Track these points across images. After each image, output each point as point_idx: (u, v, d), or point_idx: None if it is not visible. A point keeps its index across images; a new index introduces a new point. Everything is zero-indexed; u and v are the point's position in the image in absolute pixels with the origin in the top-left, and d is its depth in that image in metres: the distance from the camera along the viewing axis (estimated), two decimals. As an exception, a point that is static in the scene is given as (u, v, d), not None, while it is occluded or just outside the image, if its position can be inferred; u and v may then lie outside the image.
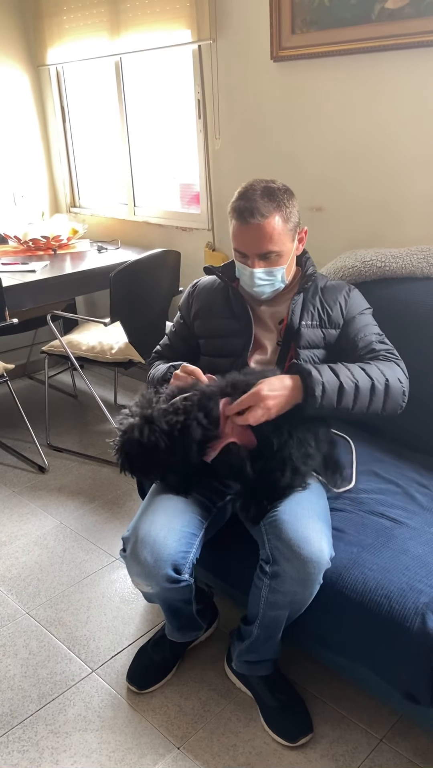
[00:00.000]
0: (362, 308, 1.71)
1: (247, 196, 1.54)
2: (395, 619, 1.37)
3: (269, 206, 1.52)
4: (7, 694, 1.72)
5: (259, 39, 2.51)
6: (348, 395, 1.48)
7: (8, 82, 3.46)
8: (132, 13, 2.90)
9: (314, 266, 1.72)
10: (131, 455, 1.45)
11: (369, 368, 1.55)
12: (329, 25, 2.29)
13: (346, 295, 1.70)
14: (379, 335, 1.69)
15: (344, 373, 1.50)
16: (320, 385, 1.45)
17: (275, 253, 1.56)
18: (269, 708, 1.61)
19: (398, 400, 1.56)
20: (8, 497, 2.61)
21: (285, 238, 1.56)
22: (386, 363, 1.59)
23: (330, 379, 1.47)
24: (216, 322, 1.73)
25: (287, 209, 1.55)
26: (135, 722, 1.63)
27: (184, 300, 1.82)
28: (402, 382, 1.58)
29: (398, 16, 2.11)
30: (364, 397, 1.51)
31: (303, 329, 1.65)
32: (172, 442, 1.42)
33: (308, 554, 1.39)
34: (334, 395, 1.47)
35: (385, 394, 1.53)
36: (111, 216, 3.53)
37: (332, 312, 1.67)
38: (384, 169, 2.34)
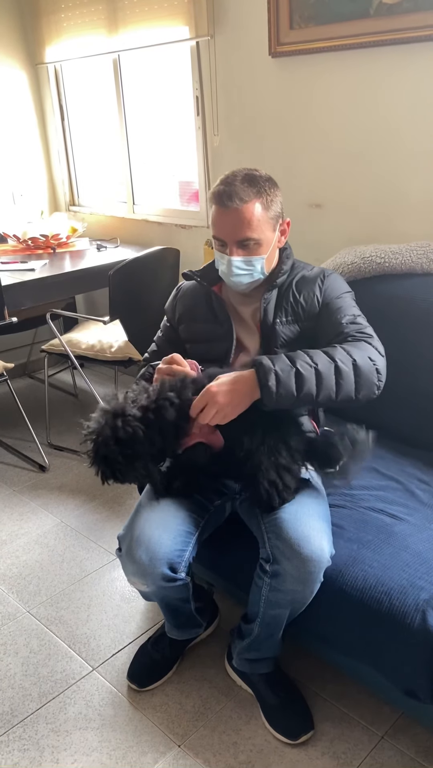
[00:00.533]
0: (339, 293, 1.60)
1: (227, 181, 1.50)
2: (395, 616, 1.36)
3: (249, 191, 1.48)
4: (7, 692, 1.72)
5: (257, 35, 2.50)
6: (308, 381, 1.37)
7: (6, 81, 3.45)
8: (130, 10, 2.89)
9: (289, 258, 1.63)
10: (109, 458, 1.38)
11: (333, 351, 1.43)
12: (328, 20, 2.28)
13: (320, 283, 1.60)
14: (352, 316, 1.56)
15: (301, 359, 1.39)
16: (271, 373, 1.35)
17: (253, 240, 1.51)
18: (270, 706, 1.60)
19: (371, 380, 1.43)
20: (9, 496, 2.61)
21: (265, 226, 1.51)
22: (354, 343, 1.47)
23: (283, 367, 1.37)
24: (199, 326, 1.68)
25: (268, 197, 1.50)
26: (136, 720, 1.62)
27: (169, 304, 1.77)
28: (374, 360, 1.44)
29: (396, 11, 2.10)
30: (328, 381, 1.39)
31: (278, 327, 1.58)
32: (150, 428, 1.37)
33: (308, 553, 1.38)
34: (291, 383, 1.36)
35: (355, 375, 1.41)
36: (110, 214, 3.53)
37: (306, 304, 1.59)
38: (383, 165, 2.33)
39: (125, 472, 1.41)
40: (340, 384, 1.40)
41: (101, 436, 1.38)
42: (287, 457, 1.46)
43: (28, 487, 2.67)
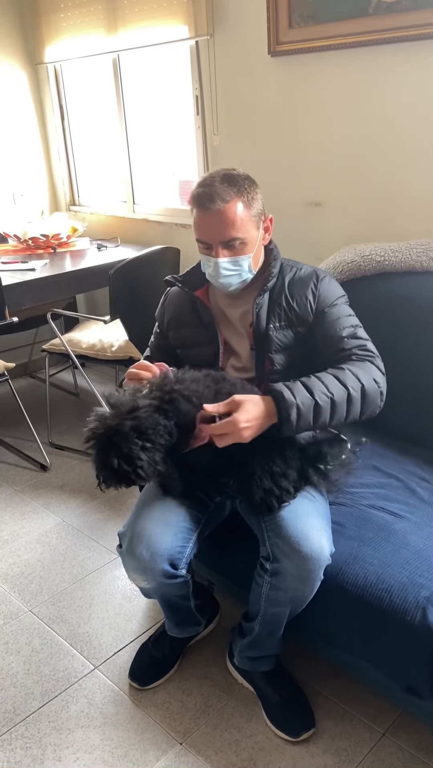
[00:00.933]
0: (333, 299, 1.58)
1: (206, 183, 1.48)
2: (395, 613, 1.37)
3: (230, 191, 1.46)
4: (10, 691, 1.72)
5: (256, 34, 2.50)
6: (325, 412, 1.40)
7: (6, 81, 3.45)
8: (129, 9, 2.89)
9: (277, 260, 1.60)
10: (131, 455, 1.27)
11: (343, 376, 1.44)
12: (327, 19, 2.28)
13: (314, 288, 1.57)
14: (351, 328, 1.55)
15: (318, 389, 1.40)
16: (294, 408, 1.36)
17: (239, 240, 1.49)
18: (271, 703, 1.61)
19: (375, 402, 1.48)
20: (10, 495, 2.61)
21: (249, 224, 1.49)
22: (359, 364, 1.49)
23: (304, 400, 1.38)
24: (186, 332, 1.67)
25: (249, 194, 1.49)
26: (137, 718, 1.63)
27: (158, 311, 1.76)
28: (378, 383, 1.48)
29: (395, 9, 2.10)
30: (341, 409, 1.42)
31: (272, 333, 1.56)
32: (168, 420, 1.33)
33: (308, 551, 1.39)
34: (310, 415, 1.39)
35: (362, 400, 1.45)
36: (111, 214, 3.53)
37: (299, 309, 1.56)
38: (383, 163, 2.33)
39: (147, 468, 1.29)
40: (350, 410, 1.44)
41: (119, 432, 1.27)
42: (281, 464, 1.46)
43: (29, 487, 2.67)
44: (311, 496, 1.52)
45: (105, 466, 1.29)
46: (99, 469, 1.31)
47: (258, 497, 1.44)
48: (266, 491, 1.44)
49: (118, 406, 1.32)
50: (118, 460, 1.26)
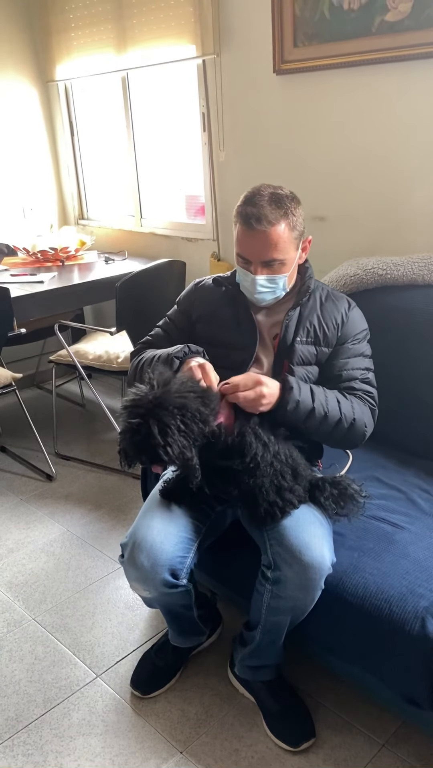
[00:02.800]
0: (357, 333, 1.66)
1: (254, 201, 1.51)
2: (395, 623, 1.38)
3: (277, 213, 1.50)
4: (12, 698, 1.74)
5: (261, 53, 2.55)
6: (314, 420, 1.52)
7: (18, 98, 3.53)
8: (138, 29, 2.96)
9: (312, 278, 1.66)
10: (163, 419, 1.31)
11: (344, 403, 1.56)
12: (331, 39, 2.33)
13: (345, 315, 1.65)
14: (366, 372, 1.65)
15: (319, 399, 1.52)
16: (294, 402, 1.49)
17: (278, 261, 1.54)
18: (272, 713, 1.61)
19: (355, 441, 1.60)
20: (16, 505, 2.64)
21: (290, 246, 1.54)
22: (361, 404, 1.60)
23: (305, 400, 1.50)
24: (219, 332, 1.68)
25: (294, 217, 1.53)
26: (138, 727, 1.64)
27: (185, 296, 1.76)
28: (367, 427, 1.60)
29: (397, 29, 2.15)
30: (327, 426, 1.54)
31: (297, 345, 1.61)
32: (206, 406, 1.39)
33: (309, 560, 1.40)
34: (303, 415, 1.51)
35: (347, 431, 1.56)
36: (118, 227, 3.58)
37: (328, 330, 1.63)
38: (385, 179, 2.37)
39: (174, 447, 1.31)
40: (332, 433, 1.57)
41: (162, 405, 1.32)
42: (290, 481, 1.48)
43: (35, 496, 2.70)
44: (313, 506, 1.53)
45: (137, 433, 1.32)
46: (132, 434, 1.33)
47: (262, 509, 1.46)
48: (271, 503, 1.46)
49: (166, 384, 1.37)
50: (157, 429, 1.30)
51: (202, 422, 1.37)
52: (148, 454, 1.33)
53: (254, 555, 1.55)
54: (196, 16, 2.70)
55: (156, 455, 1.32)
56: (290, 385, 1.50)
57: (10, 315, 2.55)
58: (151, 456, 1.33)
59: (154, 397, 1.34)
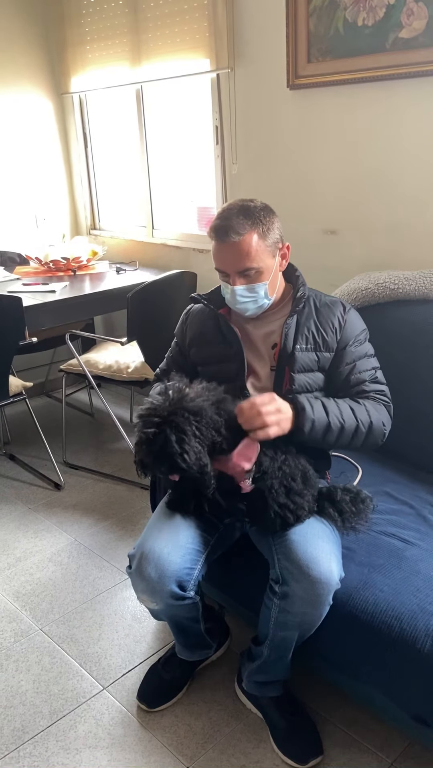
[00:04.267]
0: (357, 334, 1.66)
1: (223, 215, 1.54)
2: (405, 641, 1.37)
3: (245, 224, 1.51)
4: (19, 709, 1.73)
5: (276, 67, 2.57)
6: (333, 434, 1.53)
7: (33, 109, 3.57)
8: (153, 43, 2.99)
9: (304, 286, 1.66)
10: (179, 426, 1.33)
11: (358, 409, 1.57)
12: (345, 54, 2.34)
13: (341, 319, 1.64)
14: (373, 371, 1.66)
15: (333, 413, 1.53)
16: (310, 422, 1.49)
17: (254, 269, 1.54)
18: (279, 729, 1.60)
19: (377, 441, 1.61)
20: (24, 514, 2.64)
21: (264, 254, 1.54)
22: (376, 405, 1.62)
23: (320, 417, 1.51)
24: (209, 348, 1.71)
25: (264, 226, 1.52)
26: (145, 741, 1.63)
27: (178, 327, 1.80)
28: (385, 425, 1.61)
29: (412, 45, 2.16)
30: (347, 436, 1.55)
31: (297, 353, 1.61)
32: (219, 414, 1.41)
33: (317, 575, 1.39)
34: (320, 433, 1.51)
35: (366, 435, 1.58)
36: (130, 238, 3.61)
37: (326, 335, 1.62)
38: (398, 194, 2.37)
39: (191, 455, 1.32)
40: (353, 440, 1.57)
41: (177, 413, 1.34)
42: (300, 484, 1.49)
43: (43, 505, 2.70)
44: (322, 520, 1.53)
45: (154, 443, 1.33)
46: (149, 443, 1.34)
47: (272, 511, 1.46)
48: (281, 506, 1.46)
49: (179, 391, 1.39)
50: (174, 437, 1.31)
51: (216, 431, 1.38)
52: (166, 464, 1.34)
53: (262, 569, 1.54)
54: (211, 31, 2.72)
55: (174, 464, 1.33)
56: (301, 406, 1.50)
57: (22, 324, 2.56)
58: (169, 465, 1.34)
59: (170, 404, 1.36)
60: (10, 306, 2.50)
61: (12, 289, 2.96)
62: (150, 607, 1.59)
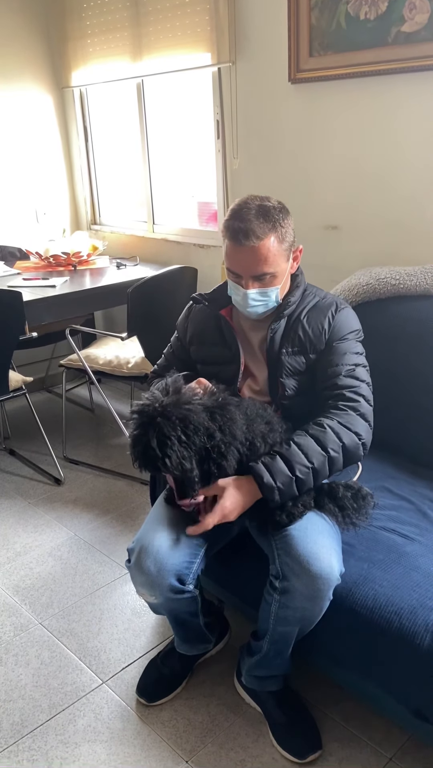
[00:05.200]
0: (345, 333, 1.60)
1: (241, 215, 1.48)
2: (405, 636, 1.37)
3: (265, 227, 1.46)
4: (18, 703, 1.73)
5: (277, 62, 2.56)
6: (307, 482, 1.44)
7: (33, 103, 3.56)
8: (154, 37, 2.97)
9: (299, 287, 1.62)
10: (164, 429, 1.32)
11: (324, 438, 1.46)
12: (347, 48, 2.33)
13: (331, 318, 1.59)
14: (351, 367, 1.56)
15: (298, 463, 1.43)
16: (274, 490, 1.41)
17: (269, 274, 1.51)
18: (278, 724, 1.60)
19: (357, 456, 1.51)
20: (24, 508, 2.64)
21: (280, 258, 1.51)
22: (343, 416, 1.50)
23: (284, 480, 1.41)
24: (208, 349, 1.69)
25: (283, 229, 1.49)
26: (144, 735, 1.63)
27: (180, 321, 1.78)
28: (360, 435, 1.50)
29: (414, 39, 2.15)
30: (323, 473, 1.47)
31: (283, 357, 1.58)
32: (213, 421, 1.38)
33: (317, 570, 1.39)
34: (292, 489, 1.43)
35: (343, 458, 1.48)
36: (130, 233, 3.60)
37: (313, 337, 1.58)
38: (399, 189, 2.36)
39: (174, 459, 1.31)
40: (331, 470, 1.48)
41: (164, 415, 1.32)
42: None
43: (43, 500, 2.70)
44: (322, 516, 1.53)
45: (139, 443, 1.33)
46: (134, 444, 1.35)
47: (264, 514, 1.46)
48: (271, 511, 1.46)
49: (176, 393, 1.38)
50: (156, 441, 1.31)
51: (207, 436, 1.36)
52: (149, 466, 1.35)
53: (262, 564, 1.54)
54: (213, 25, 2.71)
55: (155, 467, 1.33)
56: (259, 477, 1.40)
57: (22, 319, 2.56)
58: (152, 467, 1.35)
59: (160, 405, 1.34)
60: (10, 301, 2.50)
61: (12, 284, 2.96)
62: (149, 601, 1.59)
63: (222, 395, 1.44)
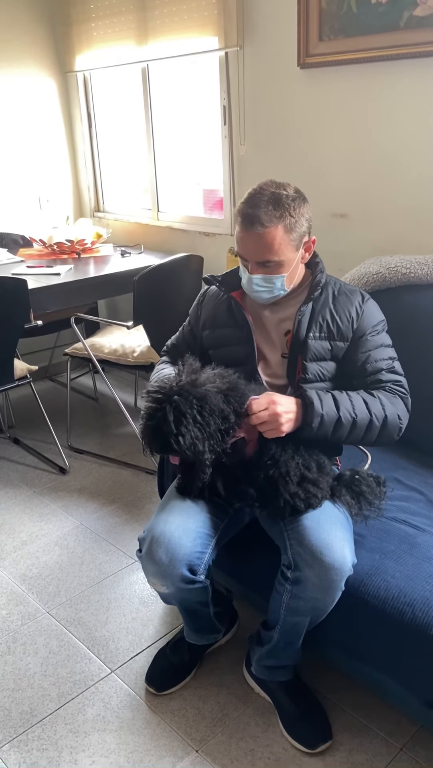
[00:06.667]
0: (374, 324, 1.62)
1: (253, 201, 1.48)
2: (418, 627, 1.36)
3: (273, 216, 1.46)
4: (27, 692, 1.73)
5: (286, 46, 2.52)
6: (344, 428, 1.49)
7: (36, 88, 3.51)
8: (160, 20, 2.93)
9: (323, 273, 1.62)
10: (180, 407, 1.33)
11: (372, 402, 1.52)
12: (357, 33, 2.29)
13: (359, 308, 1.60)
14: (390, 361, 1.61)
15: (344, 407, 1.49)
16: (318, 417, 1.46)
17: (273, 262, 1.51)
18: (288, 714, 1.60)
19: (392, 435, 1.55)
20: (29, 497, 2.63)
21: (287, 248, 1.50)
22: (391, 397, 1.56)
23: (330, 411, 1.47)
24: (221, 331, 1.69)
25: (292, 219, 1.48)
26: (153, 724, 1.63)
27: (193, 308, 1.78)
28: (401, 419, 1.55)
29: (426, 24, 2.11)
30: (359, 431, 1.51)
31: (310, 341, 1.58)
32: (228, 402, 1.40)
33: (330, 561, 1.38)
34: (330, 427, 1.48)
35: (381, 430, 1.53)
36: (135, 221, 3.56)
37: (342, 324, 1.59)
38: (409, 176, 2.33)
39: (187, 439, 1.32)
40: (366, 435, 1.53)
41: (182, 394, 1.34)
42: (315, 473, 1.48)
43: (48, 489, 2.69)
44: (335, 506, 1.52)
45: (153, 418, 1.34)
46: (149, 418, 1.35)
47: (282, 500, 1.45)
48: (292, 494, 1.45)
49: (193, 373, 1.39)
50: (172, 416, 1.32)
51: (222, 419, 1.37)
52: (160, 442, 1.34)
53: (272, 554, 1.53)
54: (220, 8, 2.67)
55: (167, 443, 1.33)
56: (310, 400, 1.47)
57: (27, 307, 2.54)
58: (162, 443, 1.34)
59: (177, 383, 1.36)
60: (15, 288, 2.48)
61: (16, 272, 2.93)
62: (160, 591, 1.58)
63: (231, 377, 1.45)
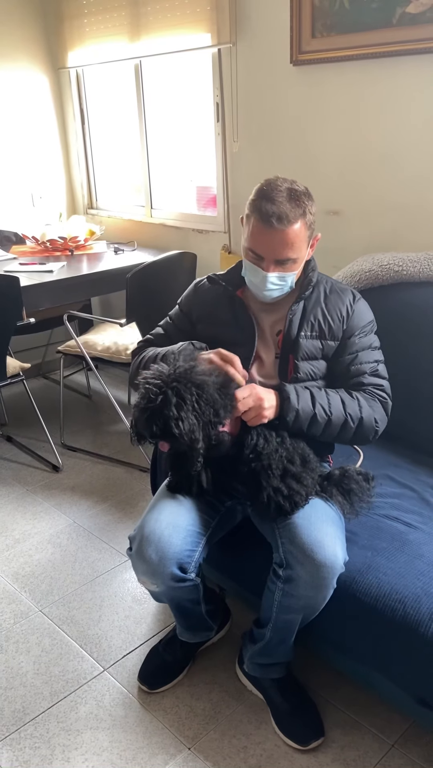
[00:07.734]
0: (363, 325, 1.62)
1: (272, 197, 1.45)
2: (409, 624, 1.37)
3: (296, 212, 1.45)
4: (19, 690, 1.73)
5: (279, 43, 2.52)
6: (318, 425, 1.52)
7: (28, 84, 3.49)
8: (152, 16, 2.91)
9: (314, 271, 1.62)
10: (181, 392, 1.35)
11: (349, 403, 1.55)
12: (350, 29, 2.29)
13: (349, 308, 1.61)
14: (375, 364, 1.62)
15: (320, 404, 1.51)
16: (294, 412, 1.49)
17: (291, 260, 1.50)
18: (281, 711, 1.61)
19: (366, 437, 1.58)
20: (22, 495, 2.63)
21: (303, 244, 1.50)
22: (370, 401, 1.58)
23: (305, 407, 1.50)
24: (219, 330, 1.66)
25: (310, 216, 1.49)
26: (146, 722, 1.63)
27: (186, 297, 1.74)
28: (378, 423, 1.58)
29: (419, 21, 2.11)
30: (333, 429, 1.54)
31: (302, 340, 1.58)
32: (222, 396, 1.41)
33: (321, 558, 1.39)
34: (305, 423, 1.51)
35: (355, 430, 1.55)
36: (128, 218, 3.55)
37: (333, 323, 1.59)
38: (402, 173, 2.33)
39: (185, 425, 1.33)
40: (341, 434, 1.56)
41: (181, 381, 1.35)
42: (299, 467, 1.48)
43: (41, 487, 2.68)
44: (326, 503, 1.52)
45: (153, 402, 1.34)
46: (146, 403, 1.35)
47: (265, 495, 1.45)
48: (275, 490, 1.45)
49: (192, 360, 1.41)
50: (175, 399, 1.33)
51: (215, 409, 1.38)
52: (160, 425, 1.34)
53: (265, 552, 1.54)
54: (213, 4, 2.66)
55: (167, 427, 1.34)
56: (286, 395, 1.49)
57: (19, 304, 2.53)
58: (162, 427, 1.34)
59: (176, 369, 1.37)
60: (7, 286, 2.47)
61: (8, 269, 2.92)
62: (151, 590, 1.58)
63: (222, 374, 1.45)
